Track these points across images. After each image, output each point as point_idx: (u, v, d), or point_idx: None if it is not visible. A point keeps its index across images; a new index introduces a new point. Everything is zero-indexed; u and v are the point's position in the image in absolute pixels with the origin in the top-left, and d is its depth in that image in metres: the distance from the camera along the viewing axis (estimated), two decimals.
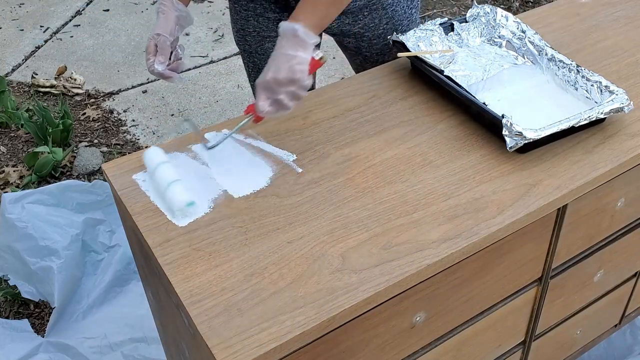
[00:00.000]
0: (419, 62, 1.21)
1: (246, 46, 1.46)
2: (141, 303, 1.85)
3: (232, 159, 1.08)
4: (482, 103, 1.09)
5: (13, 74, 3.12)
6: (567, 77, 1.19)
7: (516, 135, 1.02)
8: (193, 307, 0.84)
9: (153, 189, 1.02)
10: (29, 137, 2.64)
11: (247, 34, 1.43)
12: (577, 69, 1.18)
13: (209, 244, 0.93)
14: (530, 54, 1.26)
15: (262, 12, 1.38)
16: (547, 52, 1.23)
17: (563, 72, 1.20)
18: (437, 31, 1.29)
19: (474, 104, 1.10)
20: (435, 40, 1.28)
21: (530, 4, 3.60)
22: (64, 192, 1.99)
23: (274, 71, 0.98)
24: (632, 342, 1.79)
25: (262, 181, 1.04)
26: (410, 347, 1.04)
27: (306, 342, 0.83)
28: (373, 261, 0.89)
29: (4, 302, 1.97)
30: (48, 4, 3.72)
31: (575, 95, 1.17)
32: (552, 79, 1.22)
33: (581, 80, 1.16)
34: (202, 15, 3.61)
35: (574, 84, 1.18)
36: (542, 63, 1.23)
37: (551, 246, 1.13)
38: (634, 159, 1.08)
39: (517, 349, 1.30)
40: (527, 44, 1.26)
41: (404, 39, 1.24)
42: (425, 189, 1.01)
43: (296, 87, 0.99)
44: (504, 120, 1.03)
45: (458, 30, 1.31)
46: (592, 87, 1.14)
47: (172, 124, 2.75)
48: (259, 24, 1.40)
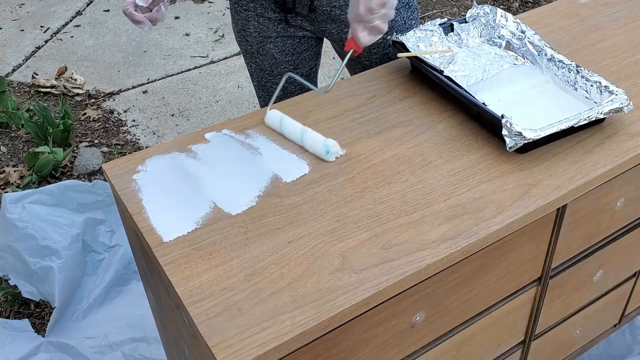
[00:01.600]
0: (419, 63, 1.21)
1: (247, 47, 1.46)
2: (141, 303, 1.86)
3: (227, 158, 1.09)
4: (482, 103, 1.10)
5: (13, 74, 3.12)
6: (566, 78, 1.19)
7: (515, 135, 1.02)
8: (193, 307, 0.84)
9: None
10: (29, 137, 2.64)
11: (248, 35, 1.43)
12: (576, 69, 1.18)
13: (209, 243, 0.93)
14: (530, 54, 1.26)
15: (263, 12, 1.38)
16: (546, 52, 1.23)
17: (562, 72, 1.20)
18: (437, 31, 1.29)
19: (473, 104, 1.11)
20: (435, 40, 1.28)
21: (530, 4, 3.60)
22: (65, 192, 1.99)
23: (364, 2, 1.01)
24: (632, 342, 1.79)
25: (263, 181, 1.04)
26: (410, 347, 1.04)
27: (306, 342, 0.83)
28: (373, 261, 0.90)
29: (5, 302, 1.97)
30: (48, 4, 3.73)
31: (574, 95, 1.17)
32: (552, 79, 1.22)
33: (581, 80, 1.17)
34: (202, 15, 3.61)
35: (573, 84, 1.18)
36: (541, 63, 1.24)
37: (551, 246, 1.13)
38: (634, 159, 1.08)
39: (516, 348, 1.30)
40: (526, 44, 1.27)
41: (404, 40, 1.24)
42: (425, 189, 1.01)
43: (387, 8, 1.03)
44: (503, 121, 1.03)
45: (458, 31, 1.31)
46: (591, 87, 1.14)
47: (172, 124, 2.75)
48: (260, 25, 1.40)
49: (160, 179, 1.05)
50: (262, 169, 1.06)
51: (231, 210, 0.99)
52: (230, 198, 1.01)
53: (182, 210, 0.99)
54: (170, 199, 1.01)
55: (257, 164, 1.07)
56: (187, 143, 1.12)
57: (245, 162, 1.08)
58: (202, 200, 1.01)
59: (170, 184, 1.04)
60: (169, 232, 0.96)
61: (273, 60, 1.46)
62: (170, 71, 3.13)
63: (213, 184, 1.04)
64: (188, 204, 1.00)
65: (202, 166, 1.07)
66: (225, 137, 1.13)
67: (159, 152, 1.10)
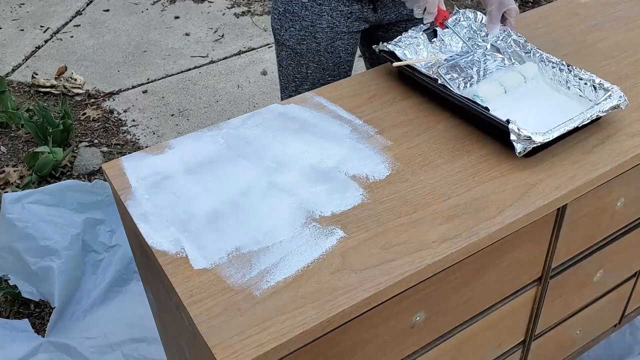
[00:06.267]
0: (412, 72, 1.20)
1: (314, 44, 1.40)
2: (141, 303, 1.85)
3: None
4: (484, 108, 1.09)
5: (13, 74, 3.13)
6: (557, 77, 1.19)
7: (525, 139, 1.01)
8: (193, 307, 0.84)
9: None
10: (29, 137, 2.64)
11: (319, 31, 1.38)
12: (567, 68, 1.17)
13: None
14: (517, 55, 1.25)
15: (337, 6, 1.35)
16: (534, 52, 1.23)
17: (553, 72, 1.19)
18: (422, 38, 1.29)
19: (476, 111, 1.09)
20: (421, 48, 1.28)
21: (530, 4, 3.60)
22: (64, 192, 1.99)
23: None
24: (632, 342, 1.79)
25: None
26: (410, 347, 1.04)
27: (306, 342, 0.83)
28: (373, 261, 0.90)
29: (4, 302, 1.97)
30: (48, 4, 3.73)
31: (567, 94, 1.17)
32: (542, 80, 1.21)
33: (573, 79, 1.16)
34: (202, 15, 3.61)
35: (565, 83, 1.18)
36: (533, 63, 1.23)
37: (551, 246, 1.13)
38: (634, 159, 1.08)
39: (516, 348, 1.30)
40: (512, 45, 1.26)
41: (391, 48, 1.23)
42: (425, 189, 1.01)
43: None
44: (510, 126, 1.02)
45: (441, 36, 1.31)
46: (585, 85, 1.14)
47: (172, 123, 2.75)
48: (333, 19, 1.36)
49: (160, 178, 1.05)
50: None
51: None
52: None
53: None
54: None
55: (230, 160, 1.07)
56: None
57: (221, 160, 1.08)
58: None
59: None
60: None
61: (338, 59, 1.44)
62: (170, 71, 3.13)
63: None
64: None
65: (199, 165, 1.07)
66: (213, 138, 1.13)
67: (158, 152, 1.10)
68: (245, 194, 1.01)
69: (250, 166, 1.06)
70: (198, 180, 1.04)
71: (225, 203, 0.99)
